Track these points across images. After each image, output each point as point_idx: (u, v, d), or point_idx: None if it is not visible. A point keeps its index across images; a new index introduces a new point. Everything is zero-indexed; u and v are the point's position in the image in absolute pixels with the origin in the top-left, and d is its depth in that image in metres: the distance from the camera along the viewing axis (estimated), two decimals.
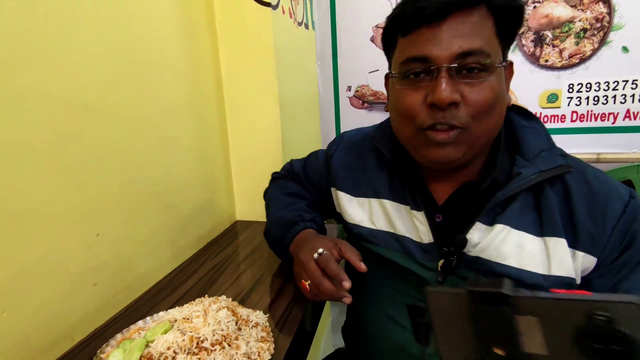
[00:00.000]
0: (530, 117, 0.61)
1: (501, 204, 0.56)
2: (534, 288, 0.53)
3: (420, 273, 0.60)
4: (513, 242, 0.54)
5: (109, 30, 0.67)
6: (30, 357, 0.52)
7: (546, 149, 0.56)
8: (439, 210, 0.61)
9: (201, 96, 0.98)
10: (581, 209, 0.53)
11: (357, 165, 0.71)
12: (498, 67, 0.51)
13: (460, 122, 0.51)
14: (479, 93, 0.50)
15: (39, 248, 0.54)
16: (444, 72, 0.49)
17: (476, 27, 0.50)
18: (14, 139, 0.51)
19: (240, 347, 0.48)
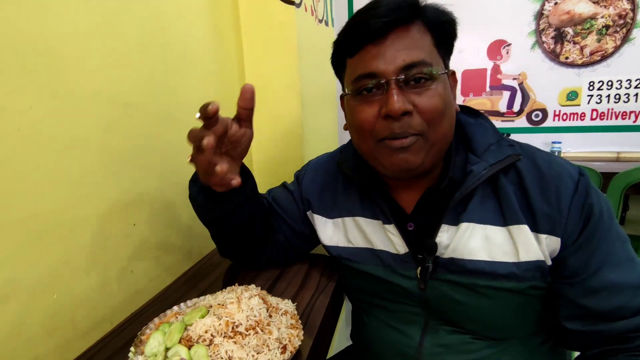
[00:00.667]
0: (477, 114, 0.64)
1: (462, 203, 0.58)
2: (508, 278, 0.55)
3: (402, 283, 0.63)
4: (480, 236, 0.57)
5: (147, 32, 0.71)
6: (77, 337, 0.56)
7: (494, 142, 0.59)
8: (409, 219, 0.63)
9: (226, 94, 1.01)
10: (534, 193, 0.55)
11: (327, 186, 0.73)
12: (442, 75, 0.55)
13: (416, 130, 0.54)
14: (429, 100, 0.53)
15: (83, 236, 0.58)
16: (393, 84, 0.53)
17: (416, 41, 0.54)
18: (66, 133, 0.54)
19: (273, 333, 0.51)
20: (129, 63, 0.66)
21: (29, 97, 0.49)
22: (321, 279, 0.76)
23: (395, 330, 0.66)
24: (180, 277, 0.80)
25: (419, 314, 0.64)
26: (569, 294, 0.56)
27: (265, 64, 1.06)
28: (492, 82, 2.24)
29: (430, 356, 0.63)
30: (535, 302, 0.59)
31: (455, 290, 0.59)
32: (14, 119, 0.48)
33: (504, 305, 0.58)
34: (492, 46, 2.19)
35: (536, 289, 0.57)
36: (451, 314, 0.62)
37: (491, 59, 2.21)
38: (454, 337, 0.62)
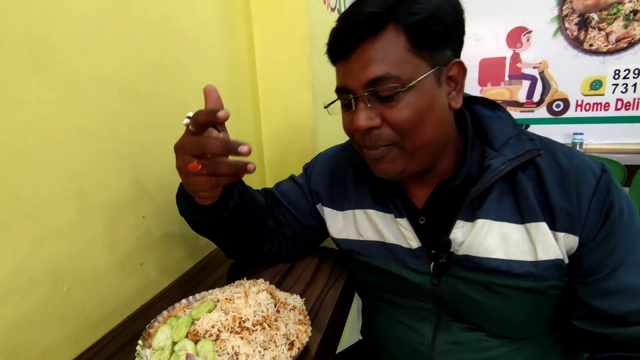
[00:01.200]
0: (495, 106, 0.62)
1: (478, 198, 0.56)
2: (526, 277, 0.54)
3: (414, 279, 0.61)
4: (496, 234, 0.55)
5: (156, 22, 0.70)
6: (87, 328, 0.57)
7: (513, 135, 0.57)
8: (421, 213, 0.62)
9: (237, 84, 0.99)
10: (554, 189, 0.53)
11: (337, 179, 0.72)
12: (416, 81, 0.51)
13: (387, 140, 0.53)
14: (398, 113, 0.52)
15: (93, 228, 0.58)
16: (360, 101, 0.53)
17: (382, 52, 0.51)
18: (74, 124, 0.54)
19: (280, 329, 0.50)
20: (138, 53, 0.65)
21: (37, 89, 0.49)
22: (331, 274, 0.75)
23: (406, 326, 0.65)
24: (190, 270, 0.80)
25: (431, 310, 0.63)
26: (582, 294, 0.54)
27: (276, 53, 1.04)
28: (511, 71, 2.17)
29: (443, 354, 0.62)
30: (552, 302, 0.57)
31: (470, 287, 0.58)
32: (22, 111, 0.47)
33: (520, 305, 0.56)
34: (512, 33, 2.12)
35: (555, 288, 0.55)
36: (465, 312, 0.60)
37: (510, 47, 2.14)
38: (468, 334, 0.61)
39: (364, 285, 0.72)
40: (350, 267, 0.74)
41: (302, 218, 0.75)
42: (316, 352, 0.54)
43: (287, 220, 0.75)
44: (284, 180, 0.80)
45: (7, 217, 0.46)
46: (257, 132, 1.11)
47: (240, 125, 1.02)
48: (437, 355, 0.62)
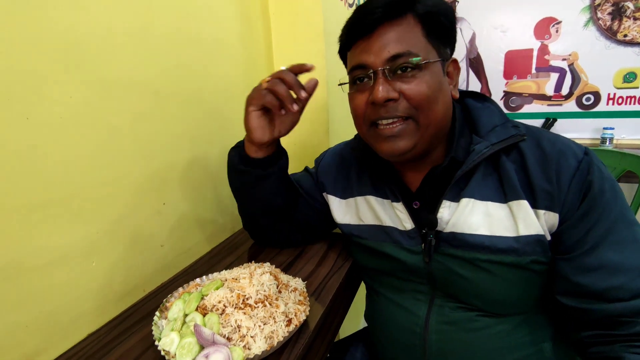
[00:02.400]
0: (485, 99, 0.67)
1: (463, 180, 0.61)
2: (508, 252, 0.57)
3: (408, 259, 0.66)
4: (481, 212, 0.59)
5: (176, 22, 0.75)
6: (113, 301, 0.64)
7: (499, 124, 0.61)
8: (415, 198, 0.66)
9: (254, 81, 1.04)
10: (535, 172, 0.56)
11: (342, 170, 0.78)
12: (430, 64, 0.57)
13: (403, 113, 0.57)
14: (415, 87, 0.57)
15: (119, 211, 0.65)
16: (380, 74, 0.57)
17: (402, 34, 0.57)
18: (102, 120, 0.61)
19: (280, 307, 0.55)
20: (159, 53, 0.71)
21: (70, 88, 0.56)
22: (338, 259, 0.80)
23: (403, 308, 0.69)
24: (207, 254, 0.87)
25: (425, 291, 0.67)
26: (563, 270, 0.57)
27: (293, 49, 1.08)
28: (538, 63, 2.11)
29: (435, 333, 0.65)
30: (538, 279, 0.60)
31: (458, 264, 0.61)
32: (57, 108, 0.54)
33: (505, 280, 0.59)
34: (540, 24, 2.05)
35: (538, 263, 0.58)
36: (455, 289, 0.64)
37: (538, 39, 2.08)
38: (460, 314, 0.64)
39: (365, 269, 0.77)
40: (352, 252, 0.79)
41: (313, 203, 0.81)
42: (314, 330, 0.58)
43: (299, 206, 0.82)
44: (299, 172, 0.87)
45: (43, 201, 0.53)
46: None
47: None
48: (430, 335, 0.65)
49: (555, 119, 2.13)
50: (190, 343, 0.50)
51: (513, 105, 2.24)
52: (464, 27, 2.19)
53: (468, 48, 2.21)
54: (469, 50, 2.21)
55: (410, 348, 0.68)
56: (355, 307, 1.01)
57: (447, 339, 0.64)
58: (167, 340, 0.51)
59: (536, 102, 2.19)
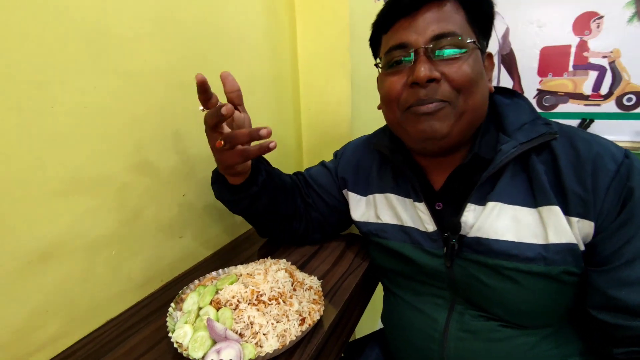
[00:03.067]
0: (514, 94, 0.63)
1: (490, 182, 0.57)
2: (536, 261, 0.53)
3: (428, 262, 0.63)
4: (508, 217, 0.55)
5: (202, 14, 0.75)
6: (132, 289, 0.65)
7: (528, 121, 0.57)
8: (438, 198, 0.63)
9: (278, 73, 1.03)
10: (568, 174, 0.52)
11: (363, 166, 0.75)
12: (473, 47, 0.55)
13: (444, 95, 0.54)
14: (458, 69, 0.54)
15: (140, 201, 0.65)
16: (422, 53, 0.55)
17: (448, 15, 0.55)
18: (126, 110, 0.61)
19: (294, 305, 0.54)
20: (184, 47, 0.71)
21: (94, 78, 0.56)
22: (355, 258, 0.78)
23: (422, 312, 0.67)
24: (225, 246, 0.87)
25: (446, 297, 0.64)
26: (598, 282, 0.53)
27: (317, 43, 1.06)
28: (576, 60, 2.00)
29: (455, 341, 0.62)
30: (568, 290, 0.56)
31: (481, 271, 0.58)
32: (81, 98, 0.55)
33: (533, 291, 0.56)
34: (580, 19, 1.95)
35: (569, 274, 0.54)
36: (477, 296, 0.60)
37: (577, 34, 1.97)
38: (481, 323, 0.61)
39: (383, 270, 0.75)
40: (370, 251, 0.77)
41: (329, 200, 0.79)
42: (328, 331, 0.57)
43: (315, 202, 0.80)
44: (314, 166, 0.85)
45: (67, 189, 0.54)
46: (297, 119, 1.15)
47: (280, 112, 1.07)
48: (449, 342, 0.62)
49: (593, 119, 2.02)
50: (203, 337, 0.50)
51: (547, 104, 2.14)
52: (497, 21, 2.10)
53: (500, 43, 2.13)
54: (502, 46, 2.13)
55: (427, 353, 0.65)
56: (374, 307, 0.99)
57: (466, 347, 0.61)
58: (181, 332, 0.52)
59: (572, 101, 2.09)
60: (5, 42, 0.45)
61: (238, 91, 0.60)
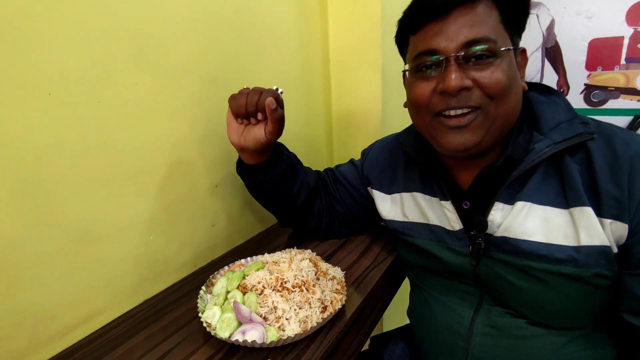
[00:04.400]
0: (551, 92, 0.60)
1: (519, 182, 0.55)
2: (566, 263, 0.52)
3: (454, 260, 0.62)
4: (538, 217, 0.53)
5: (234, 13, 0.78)
6: (167, 272, 0.70)
7: (565, 120, 0.55)
8: (465, 197, 0.62)
9: (309, 68, 1.05)
10: (603, 174, 0.50)
11: (389, 164, 0.75)
12: (506, 51, 0.52)
13: (476, 102, 0.52)
14: (491, 75, 0.52)
15: (176, 191, 0.70)
16: (452, 61, 0.52)
17: (480, 18, 0.52)
18: (164, 105, 0.66)
19: (316, 293, 0.56)
20: (218, 42, 0.75)
21: (136, 75, 0.61)
22: (381, 252, 0.79)
23: (448, 307, 0.66)
24: (255, 237, 0.91)
25: (473, 293, 0.64)
26: (632, 287, 0.50)
27: (348, 39, 1.07)
28: (629, 53, 1.86)
29: (480, 336, 0.62)
30: (600, 294, 0.53)
31: (508, 271, 0.57)
32: (124, 93, 0.59)
33: (562, 292, 0.54)
34: (634, 9, 1.81)
35: (602, 277, 0.52)
36: (504, 295, 0.60)
37: (631, 25, 1.83)
38: (507, 320, 0.60)
39: (410, 265, 0.75)
40: (397, 247, 0.77)
41: (356, 195, 0.81)
42: (350, 320, 0.59)
43: (342, 197, 0.82)
44: (344, 163, 0.87)
45: (111, 177, 0.59)
46: (327, 113, 1.17)
47: (310, 108, 1.09)
48: (475, 337, 0.62)
49: None
50: (230, 318, 0.53)
51: (595, 100, 2.01)
52: (541, 13, 2.00)
53: (545, 36, 2.02)
54: (546, 39, 2.02)
55: (453, 348, 0.65)
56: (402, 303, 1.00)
57: (492, 343, 0.61)
58: (210, 313, 0.55)
59: (624, 96, 1.95)
60: (59, 43, 0.50)
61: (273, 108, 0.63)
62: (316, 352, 0.51)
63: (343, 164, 0.86)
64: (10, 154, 0.47)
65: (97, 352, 0.54)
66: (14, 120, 0.47)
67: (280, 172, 0.72)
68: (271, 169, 0.71)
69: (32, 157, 0.49)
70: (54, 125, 0.51)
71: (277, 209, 0.80)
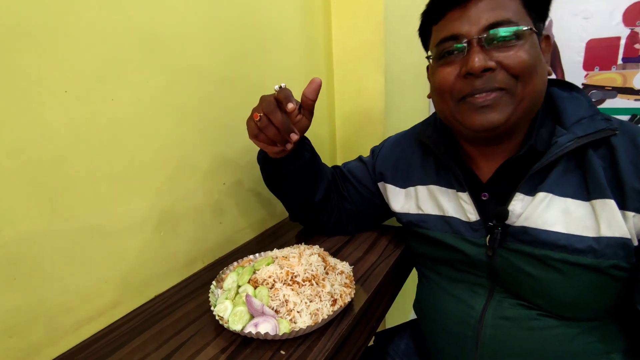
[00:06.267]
0: (572, 88, 0.62)
1: (541, 174, 0.57)
2: (585, 253, 0.53)
3: (469, 251, 0.63)
4: (558, 208, 0.55)
5: (241, 14, 0.80)
6: (177, 268, 0.71)
7: (587, 116, 0.56)
8: (484, 189, 0.63)
9: (313, 69, 1.07)
10: (627, 169, 0.51)
11: (403, 159, 0.76)
12: (529, 32, 0.53)
13: (501, 83, 0.53)
14: (515, 56, 0.53)
15: (184, 189, 0.71)
16: (475, 43, 0.54)
17: (501, 2, 0.53)
18: (174, 103, 0.67)
19: (326, 287, 0.57)
20: (224, 43, 0.76)
21: (146, 74, 0.62)
22: (387, 247, 0.81)
23: (458, 299, 0.67)
24: (263, 233, 0.92)
25: (484, 285, 0.64)
26: None
27: (352, 39, 1.08)
28: (626, 53, 1.88)
29: (491, 328, 0.62)
30: (615, 284, 0.54)
31: (525, 261, 0.58)
32: (136, 92, 0.60)
33: (578, 282, 0.55)
34: (632, 9, 1.83)
35: (618, 269, 0.53)
36: (519, 286, 0.60)
37: (628, 26, 1.85)
38: (519, 310, 0.61)
39: (420, 257, 0.76)
40: (408, 240, 0.78)
41: (364, 192, 0.82)
42: (359, 314, 0.60)
43: (350, 195, 0.83)
44: (352, 160, 0.88)
45: (124, 174, 0.60)
46: (331, 114, 1.18)
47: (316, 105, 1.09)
48: (485, 329, 0.62)
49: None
50: (242, 311, 0.54)
51: (593, 99, 2.03)
52: None
53: None
54: None
55: (462, 339, 0.65)
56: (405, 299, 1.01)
57: (503, 334, 0.61)
58: (222, 307, 0.56)
59: (621, 96, 1.97)
60: (74, 43, 0.51)
61: (312, 100, 0.65)
62: (327, 343, 0.52)
63: (351, 162, 0.87)
64: (29, 150, 0.48)
65: (111, 345, 0.55)
66: (32, 117, 0.48)
67: (308, 158, 0.72)
68: (299, 157, 0.72)
69: (49, 154, 0.50)
70: (70, 122, 0.52)
71: (295, 201, 0.80)
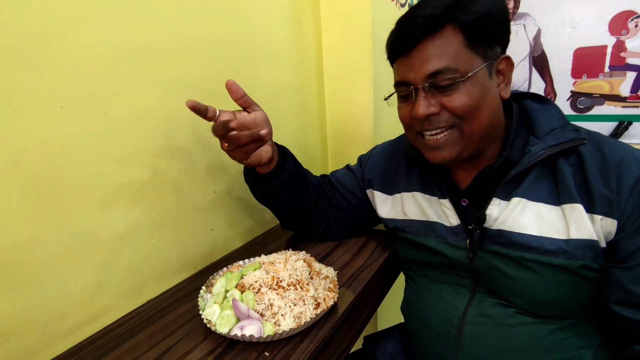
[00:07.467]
0: (544, 101, 0.66)
1: (516, 180, 0.61)
2: (556, 254, 0.57)
3: (451, 253, 0.67)
4: (532, 213, 0.59)
5: (233, 28, 0.83)
6: (169, 274, 0.73)
7: (558, 127, 0.60)
8: (463, 195, 0.68)
9: (304, 81, 1.10)
10: (594, 176, 0.55)
11: (390, 167, 0.80)
12: (472, 74, 0.57)
13: (446, 123, 0.58)
14: (456, 100, 0.58)
15: (177, 197, 0.74)
16: (420, 91, 0.59)
17: (441, 49, 0.57)
18: (167, 116, 0.70)
19: (310, 291, 0.60)
20: (217, 56, 0.79)
21: (140, 89, 0.65)
22: (374, 252, 0.83)
23: (443, 298, 0.71)
24: (254, 240, 0.94)
25: (467, 285, 0.68)
26: (620, 278, 0.56)
27: (341, 51, 1.12)
28: (612, 61, 1.93)
29: (472, 325, 0.66)
30: (586, 284, 0.59)
31: (503, 262, 0.62)
32: (130, 105, 0.63)
33: (551, 282, 0.59)
34: (617, 19, 1.88)
35: (588, 269, 0.57)
36: (497, 286, 0.64)
37: (613, 35, 1.90)
38: (498, 309, 0.64)
39: (407, 261, 0.79)
40: (395, 245, 0.82)
41: (352, 200, 0.86)
42: (342, 316, 0.63)
43: (338, 202, 0.86)
44: (340, 169, 0.91)
45: (117, 183, 0.63)
46: (322, 123, 1.21)
47: (306, 118, 1.13)
48: (467, 327, 0.66)
49: (631, 122, 1.94)
50: (229, 315, 0.56)
51: (581, 106, 2.07)
52: (528, 23, 2.07)
53: (532, 45, 2.09)
54: (533, 48, 2.09)
55: (445, 337, 0.69)
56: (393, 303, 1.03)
57: (482, 331, 0.65)
58: (210, 311, 0.59)
59: (609, 103, 2.02)
60: (70, 60, 0.55)
61: (243, 96, 0.67)
62: (310, 345, 0.55)
63: (339, 170, 0.90)
64: (27, 161, 0.51)
65: (105, 348, 0.57)
66: (29, 130, 0.51)
67: (293, 165, 0.75)
68: (285, 165, 0.74)
69: (45, 164, 0.53)
70: (65, 135, 0.55)
71: (287, 211, 0.82)
